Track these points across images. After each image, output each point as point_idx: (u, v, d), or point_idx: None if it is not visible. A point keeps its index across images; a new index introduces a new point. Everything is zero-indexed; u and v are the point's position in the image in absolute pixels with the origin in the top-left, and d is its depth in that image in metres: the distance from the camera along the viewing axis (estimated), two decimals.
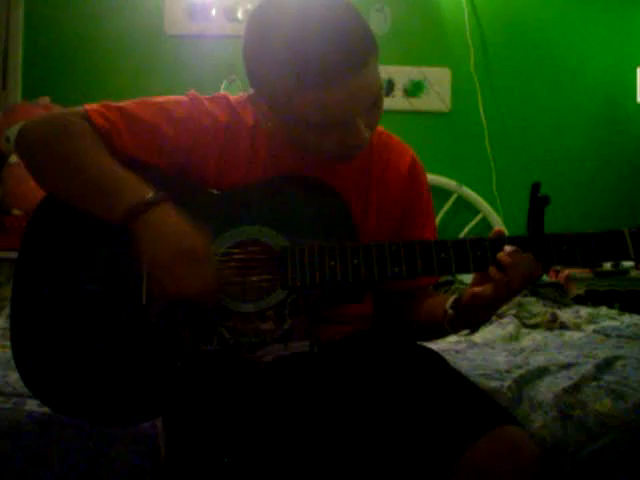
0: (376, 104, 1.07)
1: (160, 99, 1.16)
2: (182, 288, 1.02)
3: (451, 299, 1.12)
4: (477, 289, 1.05)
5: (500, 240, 1.05)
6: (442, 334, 1.22)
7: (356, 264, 1.05)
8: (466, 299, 1.08)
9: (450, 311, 1.11)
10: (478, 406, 1.02)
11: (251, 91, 1.12)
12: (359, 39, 1.01)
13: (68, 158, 1.08)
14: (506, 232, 1.07)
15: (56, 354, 1.07)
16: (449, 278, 2.44)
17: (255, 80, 1.08)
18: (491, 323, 2.04)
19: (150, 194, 1.04)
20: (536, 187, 1.05)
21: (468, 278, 1.08)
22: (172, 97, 1.16)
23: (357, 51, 1.00)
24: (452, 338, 1.73)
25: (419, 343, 1.22)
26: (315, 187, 1.13)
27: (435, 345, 1.25)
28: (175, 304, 1.06)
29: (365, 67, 1.01)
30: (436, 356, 1.17)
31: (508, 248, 1.03)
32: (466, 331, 1.14)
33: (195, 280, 1.02)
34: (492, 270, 1.03)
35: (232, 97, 1.19)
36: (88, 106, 1.12)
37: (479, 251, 1.04)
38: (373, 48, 1.03)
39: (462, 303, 1.10)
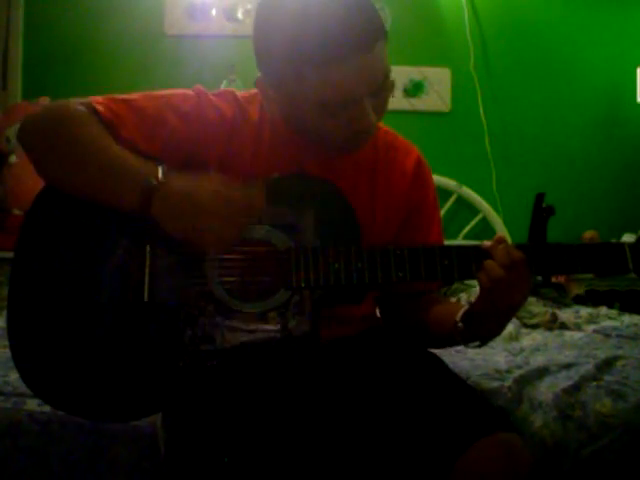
0: (383, 89, 1.06)
1: (166, 92, 1.15)
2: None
3: (461, 311, 1.12)
4: (479, 303, 1.05)
5: None
6: (452, 344, 1.20)
7: (360, 267, 1.05)
8: (473, 311, 1.08)
9: (460, 323, 1.10)
10: (475, 411, 1.02)
11: (258, 75, 1.11)
12: (364, 19, 1.01)
13: (72, 145, 1.05)
14: (507, 233, 1.07)
15: (55, 350, 1.06)
16: None
17: (262, 62, 1.08)
18: None
19: (159, 172, 1.02)
20: (540, 198, 1.04)
21: None
22: (178, 90, 1.15)
23: (361, 29, 1.00)
24: None
25: (417, 345, 1.21)
26: (321, 187, 1.12)
27: None
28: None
29: (371, 48, 1.00)
30: (434, 358, 1.17)
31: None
32: (476, 343, 1.13)
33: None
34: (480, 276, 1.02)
35: (238, 93, 1.19)
36: (93, 98, 1.11)
37: (482, 258, 1.04)
38: (380, 32, 1.03)
39: (470, 316, 1.09)
